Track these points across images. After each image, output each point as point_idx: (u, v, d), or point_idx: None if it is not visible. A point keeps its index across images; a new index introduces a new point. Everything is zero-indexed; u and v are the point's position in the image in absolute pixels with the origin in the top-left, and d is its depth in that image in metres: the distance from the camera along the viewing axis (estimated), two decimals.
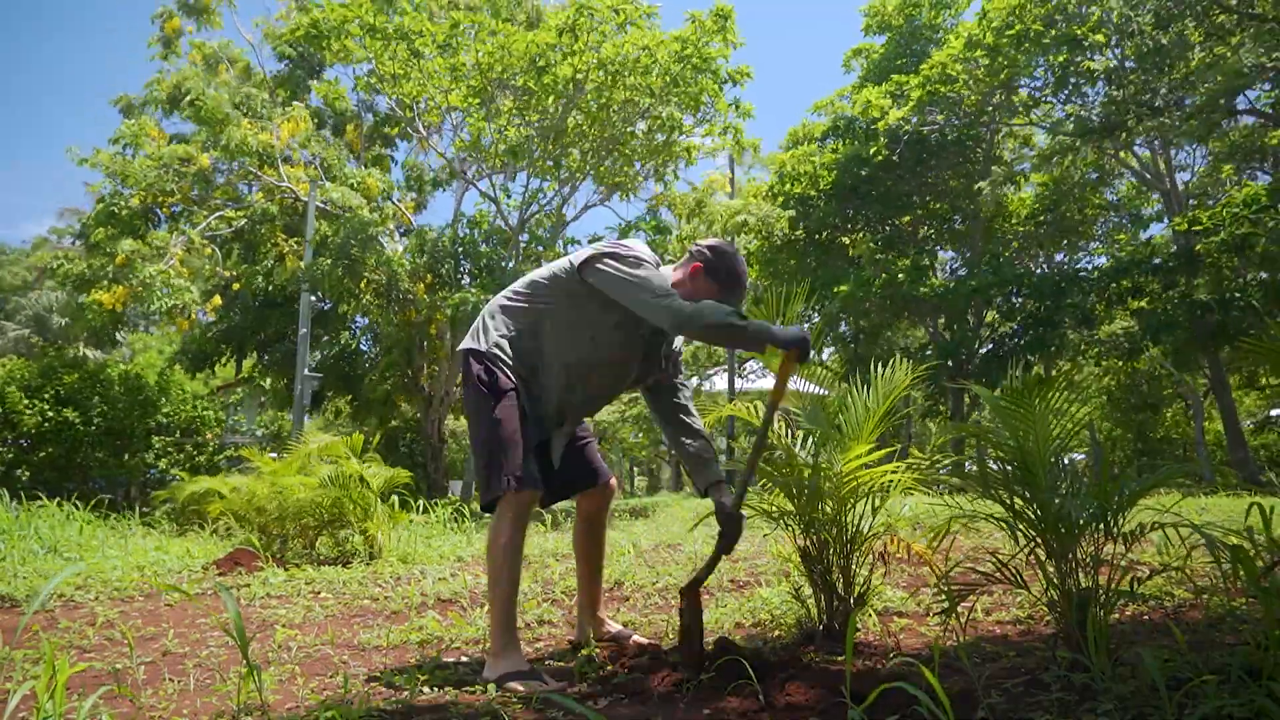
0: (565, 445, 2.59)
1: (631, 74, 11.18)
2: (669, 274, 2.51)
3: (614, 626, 2.72)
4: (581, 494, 2.65)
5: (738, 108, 12.40)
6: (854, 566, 2.47)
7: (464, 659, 2.57)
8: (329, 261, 11.83)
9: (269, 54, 15.77)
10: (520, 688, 2.14)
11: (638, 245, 2.48)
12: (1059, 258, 21.24)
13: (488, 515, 2.44)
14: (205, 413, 14.40)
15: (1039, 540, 2.17)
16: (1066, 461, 2.37)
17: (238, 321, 15.09)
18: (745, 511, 2.59)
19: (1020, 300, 17.73)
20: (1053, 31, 16.00)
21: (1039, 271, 19.49)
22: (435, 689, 2.23)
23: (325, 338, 15.98)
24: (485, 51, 11.41)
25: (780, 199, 19.49)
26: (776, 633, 2.68)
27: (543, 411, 2.48)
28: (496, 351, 2.44)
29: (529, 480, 2.34)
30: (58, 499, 7.08)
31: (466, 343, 2.52)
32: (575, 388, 2.49)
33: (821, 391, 2.76)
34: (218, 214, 13.75)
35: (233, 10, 15.69)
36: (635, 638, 2.65)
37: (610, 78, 11.19)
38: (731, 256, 2.47)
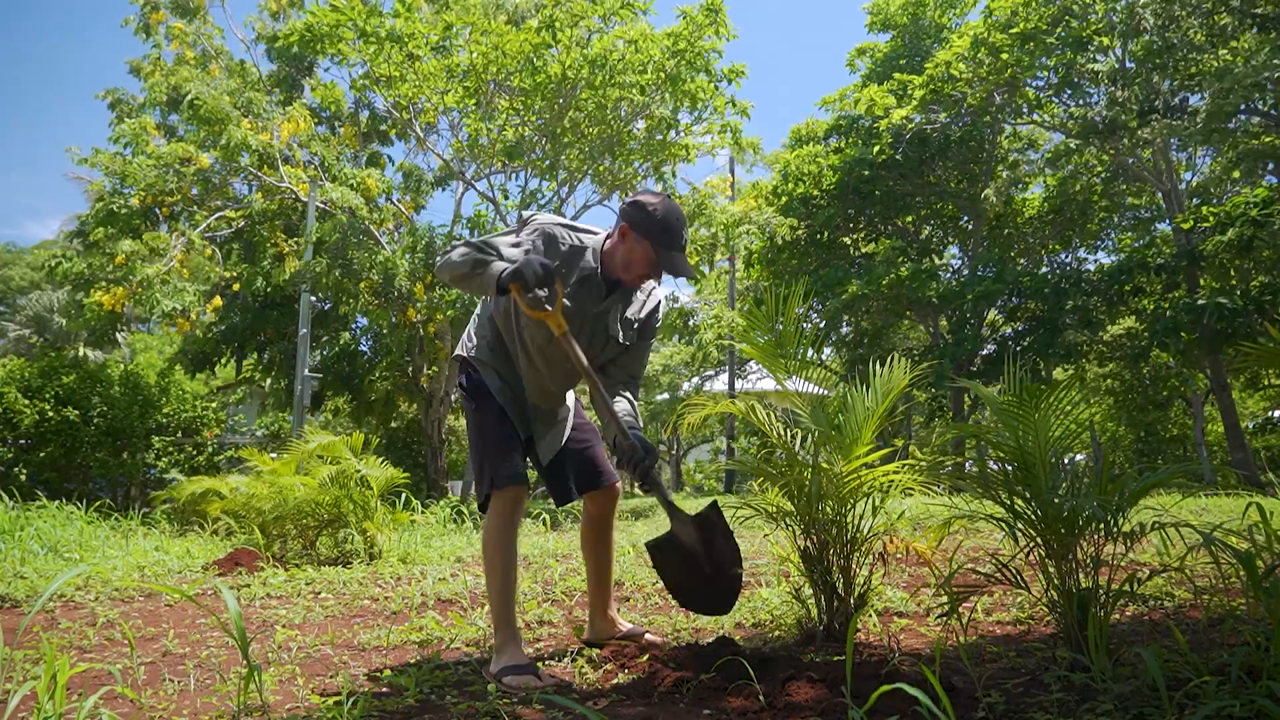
0: (570, 450, 2.62)
1: (624, 71, 11.09)
2: (601, 238, 2.48)
3: (625, 625, 2.73)
4: (588, 496, 2.66)
5: (735, 106, 12.29)
6: (854, 567, 2.47)
7: (464, 659, 2.57)
8: (325, 262, 11.82)
9: (261, 53, 15.72)
10: (513, 682, 2.18)
11: (533, 219, 2.46)
12: (1062, 257, 21.20)
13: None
14: (205, 413, 14.40)
15: (1039, 540, 2.17)
16: (1067, 462, 2.37)
17: (238, 322, 15.07)
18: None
19: (1022, 301, 17.67)
20: (1057, 30, 15.97)
21: (1041, 272, 19.41)
22: (435, 689, 2.23)
23: (325, 338, 15.97)
24: (480, 52, 11.37)
25: (784, 199, 19.44)
26: (777, 633, 2.68)
27: (526, 401, 2.53)
28: (477, 355, 2.54)
29: (512, 476, 2.41)
30: (58, 499, 7.07)
31: (457, 350, 2.62)
32: (540, 369, 2.50)
33: (822, 392, 2.76)
34: (218, 214, 13.75)
35: (224, 9, 15.58)
36: (648, 635, 2.67)
37: (601, 76, 11.11)
38: (654, 207, 2.37)
